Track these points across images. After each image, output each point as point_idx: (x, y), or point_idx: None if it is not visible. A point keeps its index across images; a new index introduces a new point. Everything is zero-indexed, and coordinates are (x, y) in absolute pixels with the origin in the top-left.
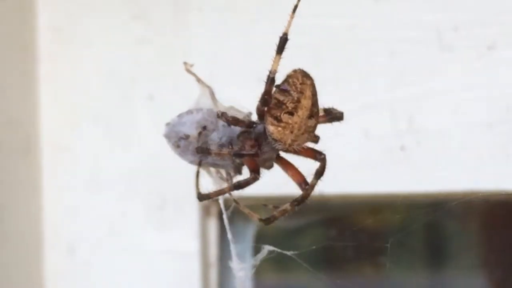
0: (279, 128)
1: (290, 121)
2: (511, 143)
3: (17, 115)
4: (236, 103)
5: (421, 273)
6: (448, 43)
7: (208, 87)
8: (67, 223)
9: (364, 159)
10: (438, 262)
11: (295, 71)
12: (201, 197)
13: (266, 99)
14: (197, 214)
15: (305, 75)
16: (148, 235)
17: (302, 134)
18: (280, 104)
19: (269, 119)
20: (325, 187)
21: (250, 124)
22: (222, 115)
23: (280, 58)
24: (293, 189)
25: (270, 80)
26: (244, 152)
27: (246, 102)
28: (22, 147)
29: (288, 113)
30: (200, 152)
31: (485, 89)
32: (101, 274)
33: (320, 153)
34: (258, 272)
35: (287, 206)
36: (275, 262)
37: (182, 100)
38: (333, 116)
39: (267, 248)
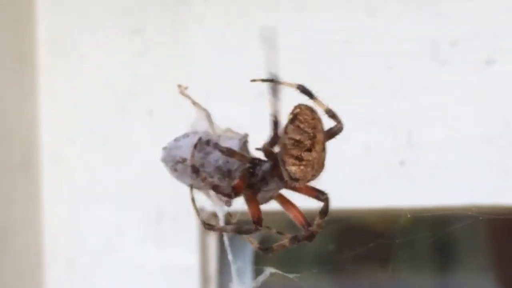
0: (302, 167)
1: (310, 158)
2: (509, 157)
3: (16, 128)
4: (235, 116)
5: (428, 278)
6: (445, 57)
7: (204, 109)
8: (67, 237)
9: (364, 174)
10: (445, 265)
11: (299, 107)
12: (206, 227)
13: (274, 141)
14: (196, 228)
15: (312, 109)
16: (147, 249)
17: (319, 167)
18: (297, 143)
19: (290, 160)
20: None
21: (252, 161)
22: (215, 146)
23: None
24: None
25: (274, 123)
26: (221, 191)
27: (245, 115)
28: (21, 160)
29: (307, 150)
30: (208, 228)
31: (483, 104)
32: (100, 287)
33: (322, 193)
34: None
35: (286, 242)
36: (282, 264)
37: (180, 113)
38: (334, 133)
39: (268, 270)
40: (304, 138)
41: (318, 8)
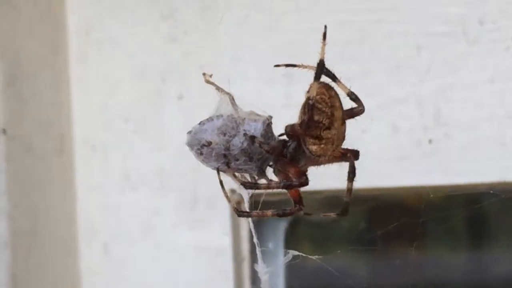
0: (322, 145)
1: (330, 136)
2: None
3: (50, 116)
4: (265, 97)
5: (460, 255)
6: (474, 36)
7: (228, 94)
8: (101, 222)
9: (393, 153)
10: (477, 242)
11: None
12: (240, 214)
13: (309, 125)
14: (229, 210)
15: (329, 87)
16: (181, 232)
17: (340, 141)
18: (317, 123)
19: (310, 140)
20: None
21: (284, 145)
22: (255, 141)
23: (318, 84)
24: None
25: (311, 106)
26: (294, 183)
27: (273, 96)
28: (55, 147)
29: (326, 129)
30: (249, 187)
31: (511, 81)
32: (136, 271)
33: (354, 151)
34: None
35: (332, 214)
36: (314, 243)
37: (211, 97)
38: (355, 113)
39: (291, 253)
40: (322, 117)
41: None
